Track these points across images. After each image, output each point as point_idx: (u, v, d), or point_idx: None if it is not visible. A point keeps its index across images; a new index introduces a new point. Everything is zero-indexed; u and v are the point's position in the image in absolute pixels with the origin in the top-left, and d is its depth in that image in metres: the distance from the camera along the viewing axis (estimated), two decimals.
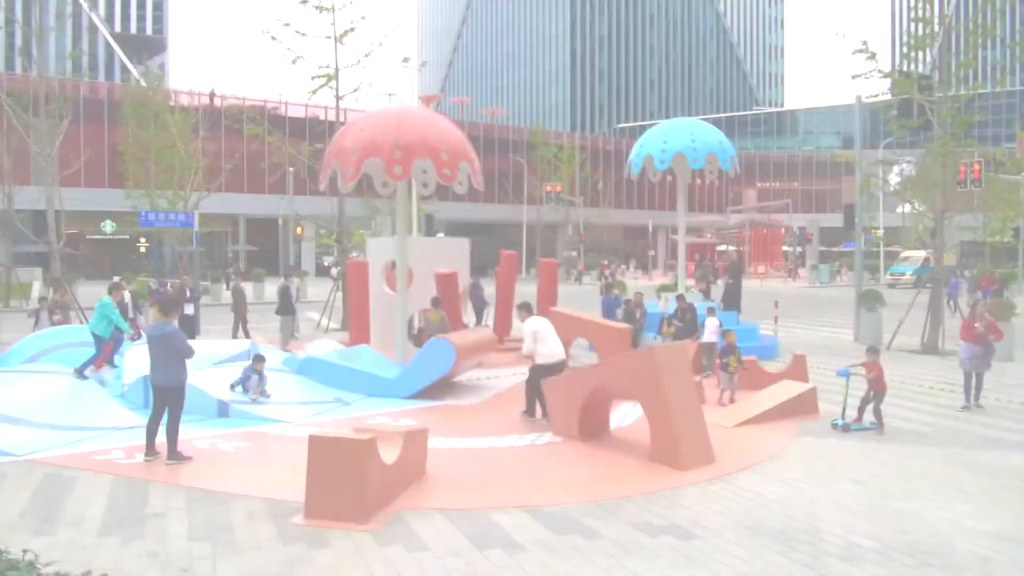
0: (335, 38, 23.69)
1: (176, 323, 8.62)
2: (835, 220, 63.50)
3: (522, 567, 5.66)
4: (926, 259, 43.28)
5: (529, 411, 10.23)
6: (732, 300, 17.43)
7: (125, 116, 40.09)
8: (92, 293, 31.72)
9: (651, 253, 63.67)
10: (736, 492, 7.44)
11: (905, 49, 19.83)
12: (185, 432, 9.64)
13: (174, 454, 8.24)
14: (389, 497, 6.81)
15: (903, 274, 44.76)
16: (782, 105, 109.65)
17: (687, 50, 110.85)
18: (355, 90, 24.49)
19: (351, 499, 6.41)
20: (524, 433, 9.57)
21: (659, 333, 16.17)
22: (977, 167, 27.67)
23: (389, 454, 6.88)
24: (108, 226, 51.53)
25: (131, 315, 19.71)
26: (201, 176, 37.18)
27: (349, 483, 6.43)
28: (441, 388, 12.04)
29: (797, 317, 26.29)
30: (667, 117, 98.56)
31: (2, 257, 46.51)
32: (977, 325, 11.26)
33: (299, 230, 40.79)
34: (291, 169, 38.32)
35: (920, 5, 17.97)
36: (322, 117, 59.47)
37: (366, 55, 24.82)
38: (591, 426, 9.26)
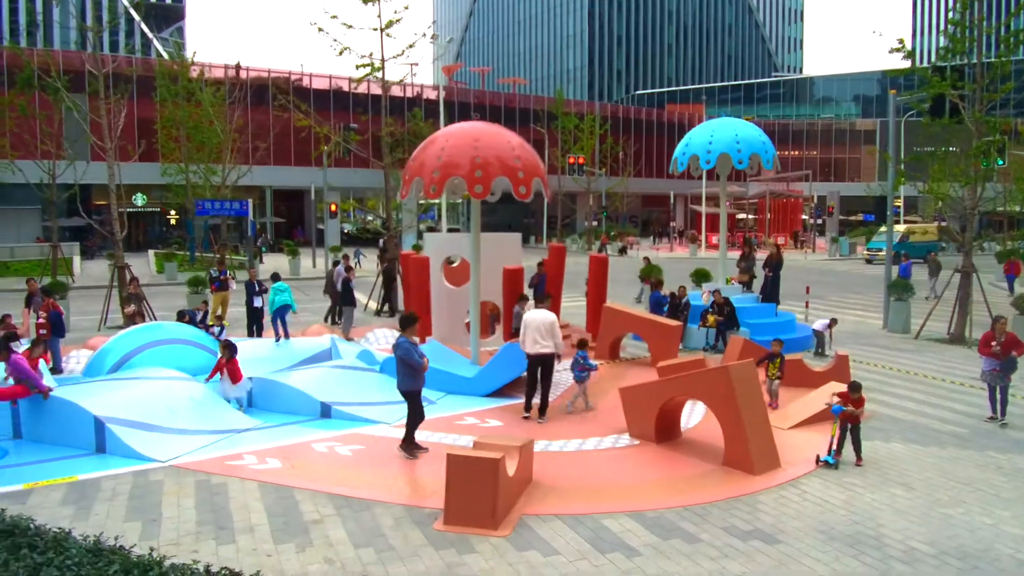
0: (380, 29, 24.51)
1: (415, 338, 9.85)
2: (855, 189, 64.25)
3: (641, 569, 6.81)
4: (904, 235, 43.54)
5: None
6: (771, 293, 18.43)
7: (160, 94, 40.77)
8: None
9: (672, 224, 64.32)
10: (804, 497, 8.56)
11: (942, 52, 20.06)
12: (299, 434, 10.90)
13: (407, 446, 9.79)
14: (511, 504, 7.96)
15: (880, 250, 42.53)
16: (801, 70, 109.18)
17: (705, 15, 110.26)
18: (400, 81, 25.37)
19: (484, 508, 7.56)
20: (603, 435, 10.70)
21: (701, 324, 17.30)
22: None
23: (510, 466, 8.01)
24: (139, 199, 52.62)
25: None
26: (237, 151, 37.98)
27: (482, 494, 7.56)
28: (513, 384, 13.16)
29: (823, 297, 27.31)
30: (684, 83, 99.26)
31: (45, 234, 47.81)
32: (994, 344, 11.32)
33: (333, 207, 41.78)
34: (325, 149, 39.22)
35: (955, 6, 18.64)
36: (345, 88, 60.18)
37: (410, 46, 25.70)
38: (665, 430, 10.39)
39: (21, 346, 13.34)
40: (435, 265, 17.72)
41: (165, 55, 61.09)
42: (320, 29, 24.92)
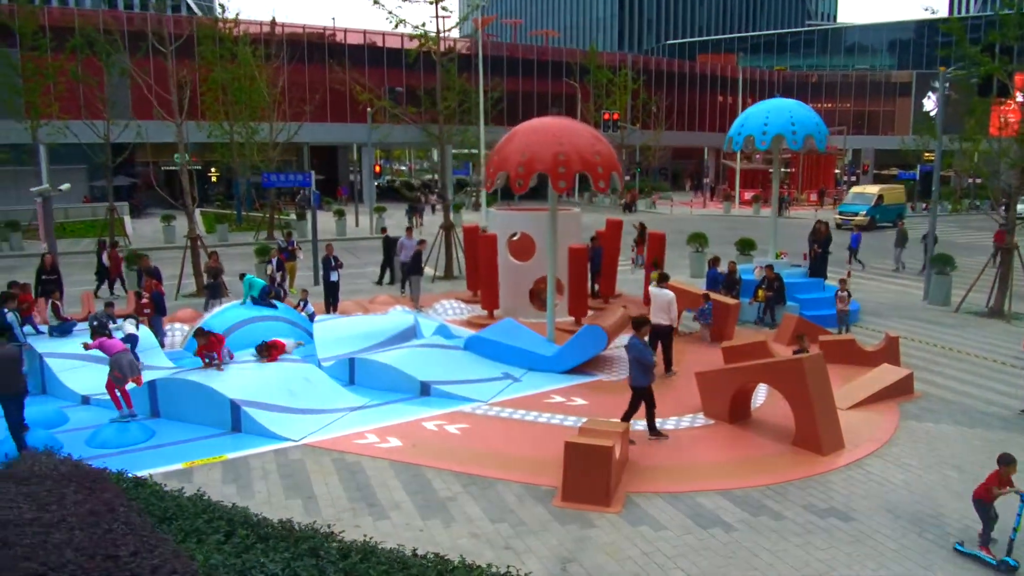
0: (435, 2, 25.20)
1: (645, 337, 10.83)
2: (889, 143, 64.10)
3: (739, 543, 8.05)
4: (880, 197, 41.75)
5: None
6: (819, 268, 19.41)
7: (204, 54, 41.47)
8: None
9: (706, 180, 64.70)
10: (869, 477, 9.75)
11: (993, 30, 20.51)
12: (406, 413, 12.17)
13: (654, 432, 10.85)
14: (618, 483, 9.21)
15: (856, 214, 40.98)
16: (835, 18, 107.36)
17: None
18: (448, 54, 26.13)
19: (599, 488, 8.81)
20: (681, 415, 11.91)
21: (753, 299, 18.36)
22: None
23: (616, 450, 9.24)
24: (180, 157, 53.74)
25: (275, 270, 22.08)
26: (283, 108, 38.86)
27: (597, 476, 8.81)
28: (589, 362, 14.36)
29: (864, 258, 28.05)
30: (715, 33, 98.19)
31: (92, 193, 49.05)
32: None
33: (377, 168, 42.79)
34: (370, 110, 40.11)
35: None
36: (379, 43, 60.57)
37: (464, 18, 26.42)
38: (737, 411, 11.58)
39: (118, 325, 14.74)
40: (501, 241, 18.83)
41: (198, 12, 61.68)
42: (376, 2, 25.62)
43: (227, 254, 30.02)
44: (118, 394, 11.67)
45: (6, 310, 13.65)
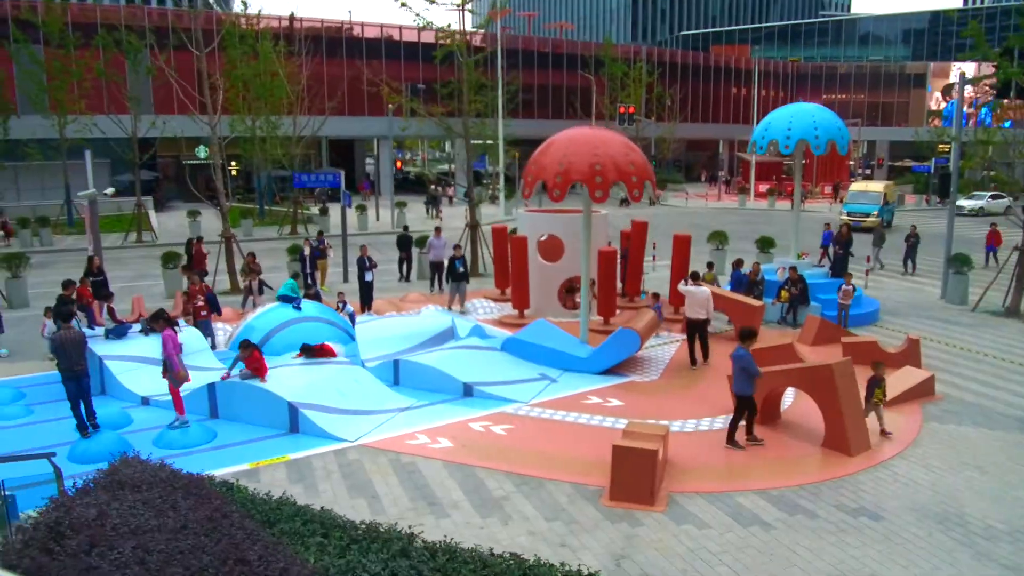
0: (460, 6, 25.78)
1: (748, 345, 11.27)
2: (903, 134, 64.32)
3: (778, 541, 8.68)
4: (885, 196, 39.38)
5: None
6: (840, 268, 19.95)
7: (229, 54, 42.01)
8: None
9: (720, 173, 65.06)
10: (896, 478, 10.36)
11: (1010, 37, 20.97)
12: (451, 414, 12.80)
13: (731, 441, 11.23)
14: (660, 483, 9.85)
15: (867, 215, 37.45)
16: (849, 8, 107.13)
17: None
18: (479, 53, 26.67)
19: (644, 489, 9.45)
20: (713, 416, 12.53)
21: (776, 299, 18.93)
22: None
23: (660, 453, 9.87)
24: (202, 151, 54.51)
25: (308, 269, 22.77)
26: (305, 104, 39.44)
27: (642, 478, 9.45)
28: (622, 363, 14.99)
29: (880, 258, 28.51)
30: (729, 24, 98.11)
31: (114, 187, 49.63)
32: None
33: (399, 164, 43.40)
34: (389, 105, 40.63)
35: None
36: (396, 37, 61.06)
37: (489, 20, 26.91)
38: (768, 412, 12.19)
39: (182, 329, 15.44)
40: (531, 243, 19.44)
41: (217, 8, 62.14)
42: (403, 4, 26.18)
43: (255, 250, 30.73)
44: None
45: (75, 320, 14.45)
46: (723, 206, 51.31)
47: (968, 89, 30.14)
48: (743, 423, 11.40)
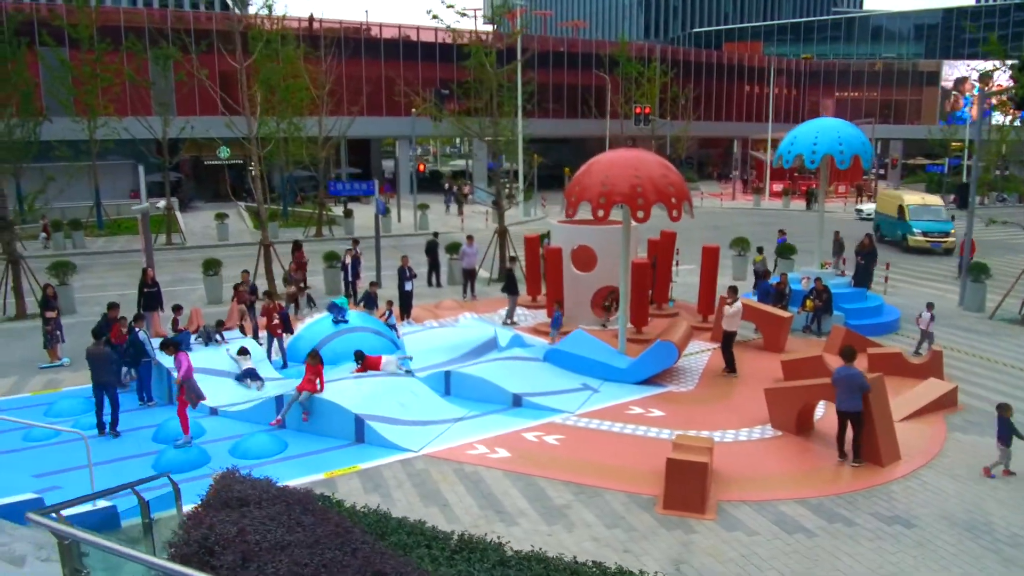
0: (491, 20, 26.58)
1: (852, 363, 11.87)
2: (916, 132, 64.84)
3: (821, 547, 9.54)
4: (951, 213, 37.37)
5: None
6: (863, 279, 20.75)
7: (253, 54, 42.68)
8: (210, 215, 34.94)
9: (734, 173, 65.65)
10: (925, 487, 11.20)
11: None
12: (504, 424, 13.65)
13: (858, 458, 11.81)
14: (709, 492, 10.72)
15: (946, 234, 33.76)
16: (861, 5, 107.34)
17: None
18: (509, 67, 27.46)
19: (696, 498, 10.32)
20: (751, 426, 13.38)
21: (801, 308, 19.73)
22: None
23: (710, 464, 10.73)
24: (223, 152, 55.37)
25: (349, 278, 23.65)
26: (328, 106, 40.14)
27: (694, 488, 10.32)
28: (659, 374, 15.85)
29: (897, 265, 29.29)
30: (741, 20, 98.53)
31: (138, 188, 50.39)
32: None
33: (421, 166, 44.22)
34: (414, 111, 41.43)
35: None
36: (413, 37, 61.80)
37: (517, 34, 27.69)
38: (802, 423, 13.04)
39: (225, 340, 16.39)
40: (565, 253, 20.28)
41: (236, 10, 62.92)
42: (435, 17, 27.04)
43: (282, 252, 31.47)
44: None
45: (137, 329, 15.32)
46: (738, 206, 52.00)
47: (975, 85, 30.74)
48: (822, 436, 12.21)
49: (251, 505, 7.82)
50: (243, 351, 15.85)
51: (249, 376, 14.73)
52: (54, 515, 6.10)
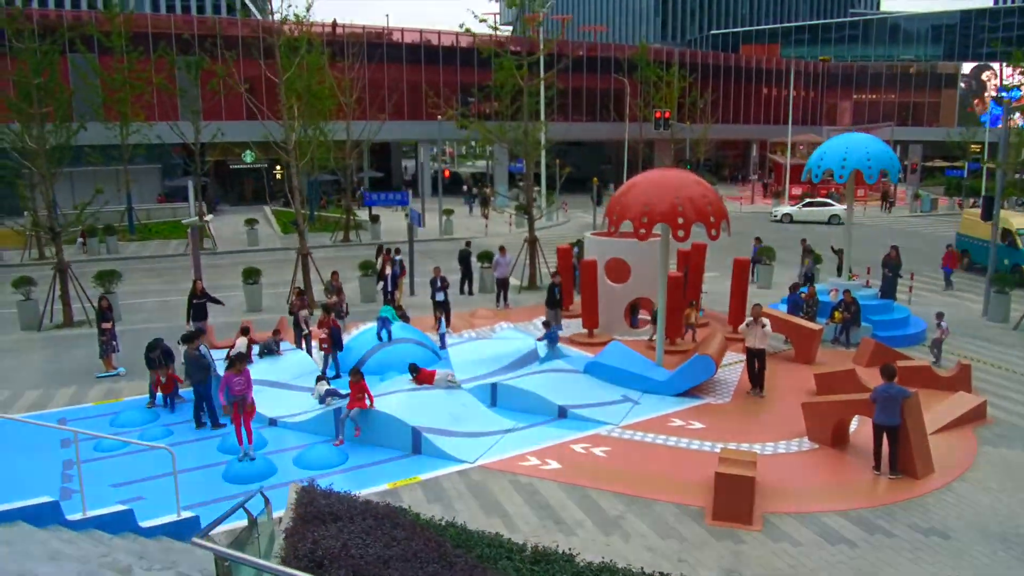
0: (524, 34, 27.22)
1: (894, 382, 12.39)
2: (935, 135, 65.06)
3: (863, 557, 10.17)
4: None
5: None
6: (889, 290, 21.31)
7: (283, 63, 43.37)
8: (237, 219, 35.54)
9: (753, 176, 66.06)
10: (960, 499, 11.81)
11: None
12: (552, 436, 14.32)
13: (895, 471, 12.38)
14: (755, 504, 11.37)
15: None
16: (879, 6, 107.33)
17: None
18: (547, 77, 28.07)
19: (744, 510, 10.97)
20: (789, 439, 14.02)
21: (830, 320, 20.29)
22: None
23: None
24: (248, 156, 56.22)
25: (389, 287, 24.33)
26: (356, 110, 40.82)
27: (742, 500, 10.97)
28: (697, 387, 16.50)
29: (917, 270, 29.66)
30: (760, 23, 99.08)
31: (164, 192, 51.14)
32: None
33: (447, 173, 44.93)
34: (440, 118, 42.05)
35: None
36: (434, 42, 62.50)
37: (549, 46, 28.31)
38: (838, 436, 13.67)
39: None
40: (599, 267, 20.94)
41: (258, 15, 63.84)
42: (468, 31, 27.67)
43: (317, 259, 32.15)
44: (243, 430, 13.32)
45: (201, 345, 16.10)
46: (757, 210, 52.42)
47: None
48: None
49: (344, 520, 8.46)
50: (320, 378, 16.24)
51: (331, 395, 15.40)
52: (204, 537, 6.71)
